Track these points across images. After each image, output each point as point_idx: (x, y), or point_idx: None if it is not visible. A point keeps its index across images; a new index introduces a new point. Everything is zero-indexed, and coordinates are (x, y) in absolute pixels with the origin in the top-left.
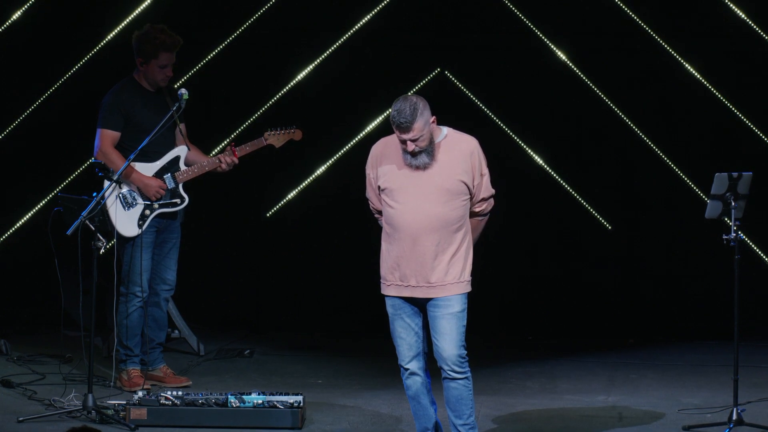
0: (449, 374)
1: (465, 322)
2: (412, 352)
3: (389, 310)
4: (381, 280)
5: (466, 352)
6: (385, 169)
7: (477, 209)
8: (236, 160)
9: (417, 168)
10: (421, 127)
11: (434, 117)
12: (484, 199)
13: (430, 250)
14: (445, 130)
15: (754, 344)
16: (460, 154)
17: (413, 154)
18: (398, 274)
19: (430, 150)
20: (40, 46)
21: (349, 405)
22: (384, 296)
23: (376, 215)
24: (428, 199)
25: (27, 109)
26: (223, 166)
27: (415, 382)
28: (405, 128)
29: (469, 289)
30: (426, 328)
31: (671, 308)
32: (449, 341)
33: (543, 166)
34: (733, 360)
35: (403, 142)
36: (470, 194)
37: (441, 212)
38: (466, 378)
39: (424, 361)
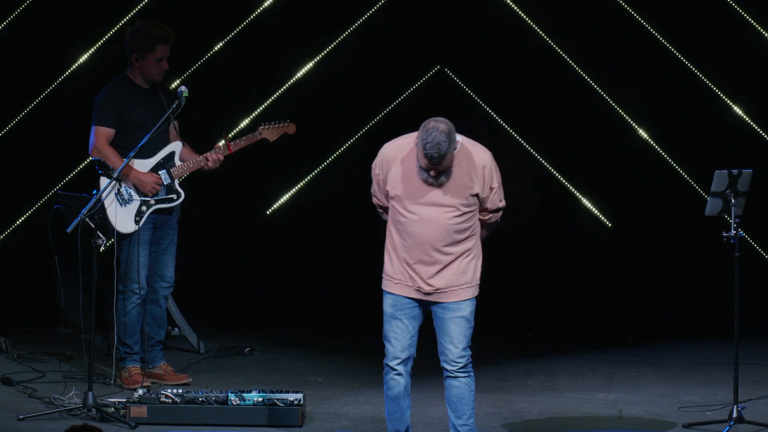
0: (452, 373)
1: (473, 324)
2: (404, 354)
3: (387, 309)
4: (384, 277)
5: (470, 353)
6: (396, 176)
7: (482, 218)
8: (221, 158)
9: (432, 185)
10: (451, 157)
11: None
12: (490, 210)
13: (440, 257)
14: (459, 140)
15: (755, 342)
16: (473, 168)
17: (434, 177)
18: (406, 275)
19: (449, 171)
20: (40, 43)
21: (350, 403)
22: (384, 293)
23: (380, 210)
24: (440, 212)
25: (27, 107)
26: (210, 164)
27: (398, 383)
28: (437, 162)
29: (477, 292)
30: (422, 329)
31: (671, 306)
32: (456, 343)
33: (543, 164)
34: (733, 357)
35: (428, 168)
36: (479, 203)
37: (452, 224)
38: (468, 377)
39: (410, 365)
